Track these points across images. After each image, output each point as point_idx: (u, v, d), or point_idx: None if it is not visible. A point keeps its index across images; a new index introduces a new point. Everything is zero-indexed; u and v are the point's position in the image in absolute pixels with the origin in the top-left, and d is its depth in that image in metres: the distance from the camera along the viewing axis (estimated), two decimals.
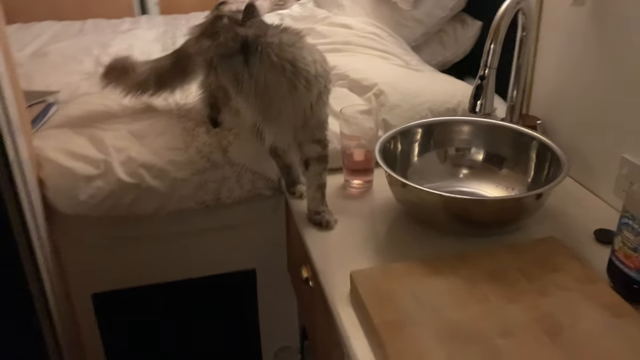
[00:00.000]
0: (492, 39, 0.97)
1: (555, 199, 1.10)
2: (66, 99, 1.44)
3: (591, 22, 1.07)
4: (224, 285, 1.36)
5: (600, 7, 1.04)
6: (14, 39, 2.03)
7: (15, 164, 0.98)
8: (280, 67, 0.89)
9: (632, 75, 0.98)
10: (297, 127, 1.00)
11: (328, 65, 0.99)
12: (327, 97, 0.99)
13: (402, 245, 0.99)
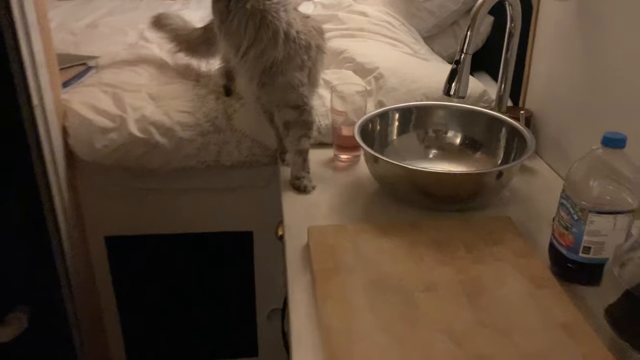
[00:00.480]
0: (470, 27, 1.03)
1: (529, 185, 1.15)
2: (104, 65, 1.60)
3: (575, 16, 1.10)
4: (222, 244, 1.48)
5: (583, 2, 1.07)
6: (75, 10, 2.25)
7: (39, 109, 1.14)
8: (251, 14, 1.02)
9: (611, 70, 1.01)
10: (263, 80, 1.10)
11: (312, 39, 1.08)
12: (302, 65, 1.08)
13: (368, 213, 1.07)
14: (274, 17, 1.03)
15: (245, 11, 1.03)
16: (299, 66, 1.08)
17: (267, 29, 1.03)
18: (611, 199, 0.81)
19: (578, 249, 0.84)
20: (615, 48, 0.99)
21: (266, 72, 1.08)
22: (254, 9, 1.03)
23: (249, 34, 1.04)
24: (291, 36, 1.05)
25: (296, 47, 1.06)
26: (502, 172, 1.02)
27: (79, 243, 1.39)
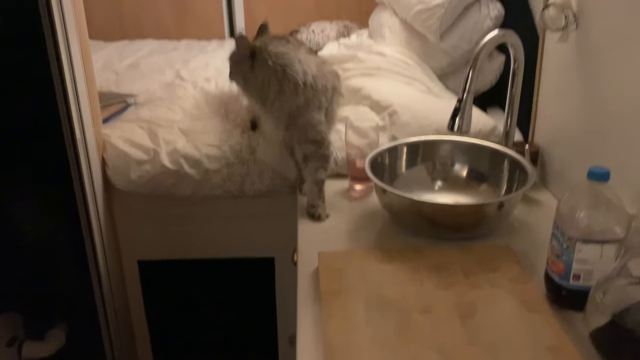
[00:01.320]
0: (471, 67, 1.11)
1: (534, 216, 1.20)
2: (142, 102, 1.74)
3: (575, 57, 1.16)
4: (246, 269, 1.57)
5: (581, 44, 1.14)
6: (119, 51, 2.44)
7: (81, 142, 1.27)
8: (274, 70, 1.14)
9: (609, 106, 1.06)
10: (287, 124, 1.22)
11: (328, 82, 1.19)
12: (320, 106, 1.19)
13: (377, 240, 1.14)
14: (293, 71, 1.15)
15: (268, 68, 1.15)
16: (317, 107, 1.19)
17: (289, 82, 1.16)
18: (598, 229, 0.86)
19: (569, 276, 0.89)
20: (612, 86, 1.05)
21: (289, 116, 1.20)
22: (276, 65, 1.15)
23: (273, 88, 1.17)
24: (308, 83, 1.17)
25: (314, 91, 1.18)
26: (503, 203, 1.08)
27: (114, 266, 1.50)
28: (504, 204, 1.08)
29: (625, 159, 1.00)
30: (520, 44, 1.19)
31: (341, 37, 2.33)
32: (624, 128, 1.01)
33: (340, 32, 2.38)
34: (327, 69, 1.25)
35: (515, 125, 1.29)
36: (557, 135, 1.28)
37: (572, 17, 1.14)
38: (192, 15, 2.79)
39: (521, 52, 1.20)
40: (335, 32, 2.39)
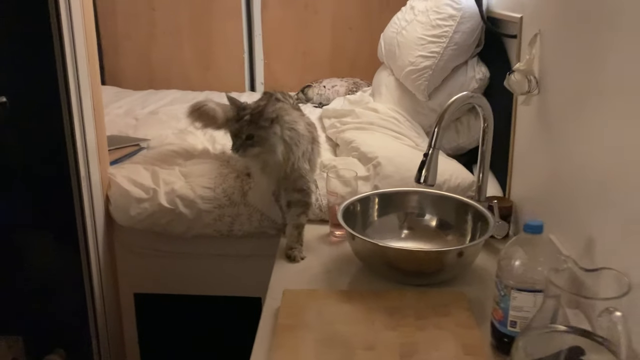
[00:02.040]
0: (437, 124, 1.20)
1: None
2: (153, 146, 1.89)
3: (538, 118, 1.24)
4: (234, 307, 1.64)
5: (542, 107, 1.21)
6: (144, 100, 2.62)
7: (85, 180, 1.40)
8: (282, 140, 1.28)
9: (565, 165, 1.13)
10: (280, 178, 1.31)
11: (311, 134, 1.33)
12: (305, 155, 1.31)
13: (344, 281, 1.21)
14: (289, 138, 1.28)
15: (265, 142, 1.26)
16: (306, 158, 1.30)
17: (293, 153, 1.29)
18: (531, 279, 0.91)
19: (506, 322, 0.94)
20: (568, 146, 1.12)
21: (284, 173, 1.33)
22: (283, 133, 1.28)
23: (278, 153, 1.29)
24: (301, 143, 1.30)
25: (302, 146, 1.30)
26: (462, 251, 1.14)
27: (111, 297, 1.60)
28: (464, 252, 1.14)
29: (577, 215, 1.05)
30: (488, 105, 1.28)
31: (349, 93, 2.45)
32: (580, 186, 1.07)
33: (349, 88, 2.52)
34: (307, 121, 1.36)
35: (487, 181, 1.35)
36: (528, 191, 1.34)
37: (534, 82, 1.22)
38: (216, 68, 2.98)
39: (490, 113, 1.28)
40: (345, 88, 2.53)
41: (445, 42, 1.67)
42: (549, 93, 1.19)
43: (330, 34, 2.91)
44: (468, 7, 1.65)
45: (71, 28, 1.32)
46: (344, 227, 1.20)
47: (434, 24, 1.71)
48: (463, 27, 1.66)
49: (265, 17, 2.89)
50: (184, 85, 2.96)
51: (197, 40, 2.96)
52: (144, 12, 2.93)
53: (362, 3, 2.84)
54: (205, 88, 2.92)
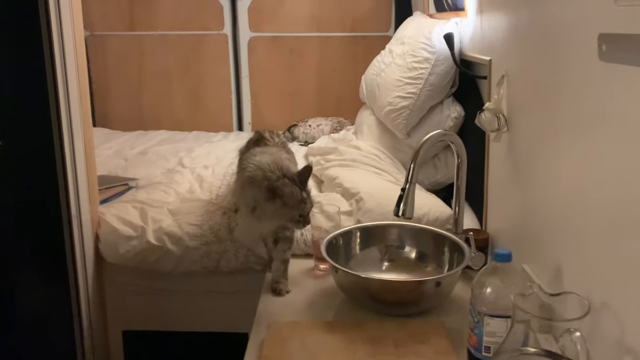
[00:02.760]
0: (413, 160, 1.26)
1: None
2: (142, 185, 1.94)
3: (507, 155, 1.31)
4: (222, 343, 1.66)
5: (511, 143, 1.29)
6: (133, 140, 2.69)
7: (76, 219, 1.44)
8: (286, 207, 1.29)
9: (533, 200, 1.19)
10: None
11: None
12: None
13: (328, 313, 1.25)
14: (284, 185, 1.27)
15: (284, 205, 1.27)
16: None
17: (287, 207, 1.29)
18: (503, 305, 0.96)
19: (481, 348, 0.99)
20: (535, 181, 1.18)
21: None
22: (288, 203, 1.27)
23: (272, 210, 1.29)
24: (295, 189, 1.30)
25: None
26: (440, 282, 1.19)
27: (100, 335, 1.62)
28: (441, 282, 1.19)
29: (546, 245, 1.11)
30: (461, 142, 1.35)
31: (334, 132, 2.54)
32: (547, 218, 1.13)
33: (334, 127, 2.60)
34: (289, 157, 1.42)
35: (462, 214, 1.41)
36: (503, 223, 1.40)
37: (503, 120, 1.30)
38: (204, 109, 3.07)
39: (463, 150, 1.36)
40: (330, 127, 2.61)
41: (421, 83, 1.76)
42: (516, 130, 1.26)
43: (315, 75, 3.02)
44: (442, 51, 1.75)
45: (64, 72, 1.39)
46: (327, 260, 1.25)
47: (411, 67, 1.80)
48: (437, 69, 1.76)
49: (252, 60, 3.00)
50: (173, 126, 3.03)
51: (186, 83, 3.05)
52: (133, 56, 3.02)
53: (345, 46, 2.97)
54: (194, 128, 3.00)
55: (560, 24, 1.01)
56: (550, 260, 1.07)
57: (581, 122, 0.94)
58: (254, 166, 1.32)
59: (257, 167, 1.32)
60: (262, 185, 1.28)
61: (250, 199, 1.32)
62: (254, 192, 1.31)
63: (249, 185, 1.33)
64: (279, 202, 1.28)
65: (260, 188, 1.29)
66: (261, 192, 1.28)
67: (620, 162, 0.81)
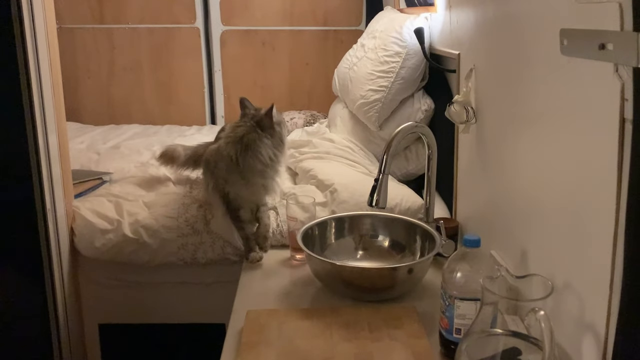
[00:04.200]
0: (385, 152, 1.30)
1: None
2: (116, 179, 1.93)
3: (475, 146, 1.36)
4: (199, 334, 1.68)
5: (479, 135, 1.34)
6: (105, 134, 2.66)
7: (51, 213, 1.44)
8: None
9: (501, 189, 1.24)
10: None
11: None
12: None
13: (304, 301, 1.28)
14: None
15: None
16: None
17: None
18: (472, 288, 1.01)
19: (452, 330, 1.03)
20: (503, 171, 1.23)
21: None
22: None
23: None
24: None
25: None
26: (412, 268, 1.24)
27: (76, 329, 1.62)
28: (413, 269, 1.23)
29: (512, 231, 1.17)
30: (432, 134, 1.40)
31: (307, 125, 2.56)
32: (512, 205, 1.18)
33: (307, 120, 2.63)
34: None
35: (433, 203, 1.46)
36: (472, 212, 1.46)
37: (472, 112, 1.35)
38: (177, 102, 3.06)
39: (433, 141, 1.40)
40: (303, 120, 2.64)
41: (392, 77, 1.80)
42: (484, 122, 1.31)
43: (288, 69, 3.04)
44: (412, 45, 1.79)
45: (37, 65, 1.38)
46: (303, 249, 1.28)
47: (382, 61, 1.84)
48: (408, 63, 1.80)
49: (224, 54, 3.00)
50: (145, 120, 3.02)
51: (157, 77, 3.03)
52: (103, 50, 2.99)
53: (317, 40, 2.99)
54: (166, 122, 2.99)
55: (525, 19, 1.06)
56: (517, 245, 1.12)
57: (544, 113, 0.99)
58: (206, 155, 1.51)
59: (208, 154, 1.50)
60: (219, 160, 1.46)
61: (217, 179, 1.47)
62: (215, 171, 1.47)
63: (207, 169, 1.51)
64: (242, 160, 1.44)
65: (218, 163, 1.46)
66: (223, 164, 1.45)
67: (578, 150, 0.86)
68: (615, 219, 0.76)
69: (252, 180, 1.47)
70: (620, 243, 0.75)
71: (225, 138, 1.50)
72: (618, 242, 0.76)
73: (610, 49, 0.70)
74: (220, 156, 1.47)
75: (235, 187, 1.48)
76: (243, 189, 1.49)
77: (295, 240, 1.47)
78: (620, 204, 0.75)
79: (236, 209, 1.49)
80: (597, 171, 0.81)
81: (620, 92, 0.72)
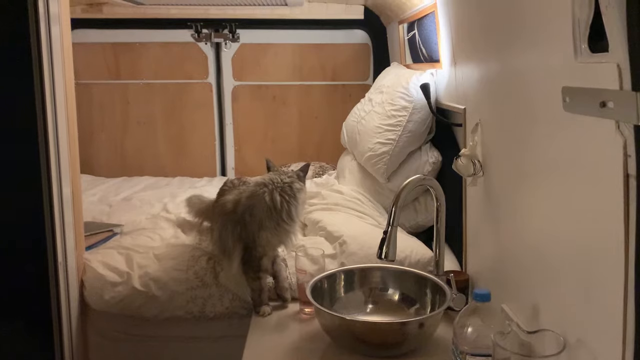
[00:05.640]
0: (394, 204, 1.31)
1: None
2: (127, 231, 1.95)
3: (483, 199, 1.37)
4: None
5: (487, 188, 1.35)
6: (117, 187, 2.70)
7: (62, 266, 1.45)
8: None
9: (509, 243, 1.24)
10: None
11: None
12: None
13: (314, 356, 1.26)
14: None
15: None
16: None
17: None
18: (483, 344, 1.00)
19: None
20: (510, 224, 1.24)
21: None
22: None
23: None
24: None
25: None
26: (423, 323, 1.22)
27: None
28: (424, 323, 1.22)
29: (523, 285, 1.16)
30: (439, 186, 1.41)
31: (316, 176, 2.59)
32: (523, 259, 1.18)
33: (316, 171, 2.66)
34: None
35: (443, 255, 1.46)
36: (482, 265, 1.45)
37: (479, 165, 1.36)
38: (188, 155, 3.11)
39: (441, 193, 1.41)
40: (312, 172, 2.67)
41: (400, 130, 1.84)
42: (491, 175, 1.33)
43: (298, 122, 3.10)
44: (419, 100, 1.83)
45: (55, 119, 1.43)
46: (312, 303, 1.27)
47: (389, 114, 1.88)
48: (415, 117, 1.84)
49: (235, 108, 3.07)
50: (157, 172, 3.06)
51: (170, 130, 3.09)
52: (118, 104, 3.07)
53: (326, 95, 3.06)
54: (177, 174, 3.03)
55: (528, 76, 1.09)
56: (527, 299, 1.11)
57: (549, 167, 1.00)
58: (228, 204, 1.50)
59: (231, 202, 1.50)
60: (256, 204, 1.47)
61: (247, 224, 1.47)
62: (246, 216, 1.47)
63: (229, 217, 1.50)
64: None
65: (254, 208, 1.47)
66: (260, 209, 1.46)
67: (585, 204, 0.87)
68: (625, 272, 0.75)
69: (286, 228, 1.48)
70: (630, 296, 0.75)
71: (259, 186, 1.51)
72: (629, 296, 0.75)
73: (611, 106, 0.72)
74: (259, 200, 1.47)
75: (269, 232, 1.47)
76: (275, 236, 1.49)
77: (305, 293, 1.46)
78: (629, 258, 0.75)
79: (259, 257, 1.49)
80: (604, 224, 0.81)
81: (622, 148, 0.73)
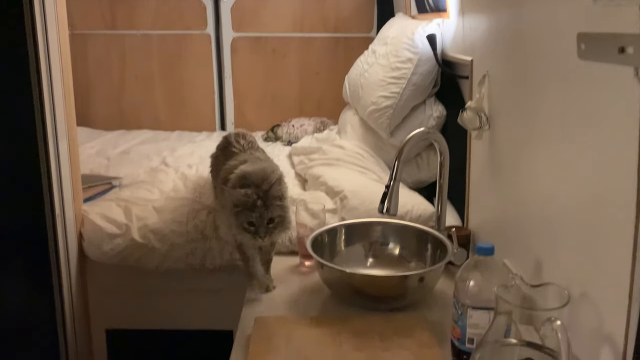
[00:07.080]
0: (397, 159, 1.28)
1: None
2: (126, 184, 1.93)
3: (488, 152, 1.34)
4: (206, 341, 1.67)
5: (493, 141, 1.32)
6: (115, 140, 2.67)
7: (60, 217, 1.43)
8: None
9: (514, 196, 1.22)
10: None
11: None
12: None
13: (313, 308, 1.26)
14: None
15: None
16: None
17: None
18: (486, 297, 0.99)
19: (464, 340, 1.01)
20: (516, 177, 1.21)
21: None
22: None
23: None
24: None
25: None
26: (423, 277, 1.21)
27: (83, 334, 1.61)
28: (424, 277, 1.21)
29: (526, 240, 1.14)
30: (444, 140, 1.38)
31: (317, 132, 2.55)
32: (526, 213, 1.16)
33: (316, 127, 2.62)
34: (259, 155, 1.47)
35: (445, 211, 1.44)
36: (484, 220, 1.43)
37: (485, 119, 1.33)
38: (187, 109, 3.06)
39: (445, 148, 1.38)
40: (313, 127, 2.63)
41: (404, 83, 1.79)
42: (497, 129, 1.29)
43: (298, 77, 3.04)
44: (424, 51, 1.78)
45: (49, 71, 1.39)
46: (313, 256, 1.26)
47: (394, 67, 1.83)
48: (420, 69, 1.78)
49: (234, 61, 3.00)
50: (155, 126, 3.02)
51: (168, 83, 3.03)
52: (115, 56, 3.00)
53: (327, 47, 2.99)
54: (176, 128, 2.99)
55: (540, 24, 1.04)
56: (531, 254, 1.10)
57: (560, 119, 0.97)
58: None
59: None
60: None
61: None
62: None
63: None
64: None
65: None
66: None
67: (596, 157, 0.84)
68: (635, 226, 0.73)
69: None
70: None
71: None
72: (638, 251, 0.74)
73: (630, 52, 0.68)
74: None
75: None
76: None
77: (305, 247, 1.45)
78: None
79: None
80: (616, 178, 0.79)
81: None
